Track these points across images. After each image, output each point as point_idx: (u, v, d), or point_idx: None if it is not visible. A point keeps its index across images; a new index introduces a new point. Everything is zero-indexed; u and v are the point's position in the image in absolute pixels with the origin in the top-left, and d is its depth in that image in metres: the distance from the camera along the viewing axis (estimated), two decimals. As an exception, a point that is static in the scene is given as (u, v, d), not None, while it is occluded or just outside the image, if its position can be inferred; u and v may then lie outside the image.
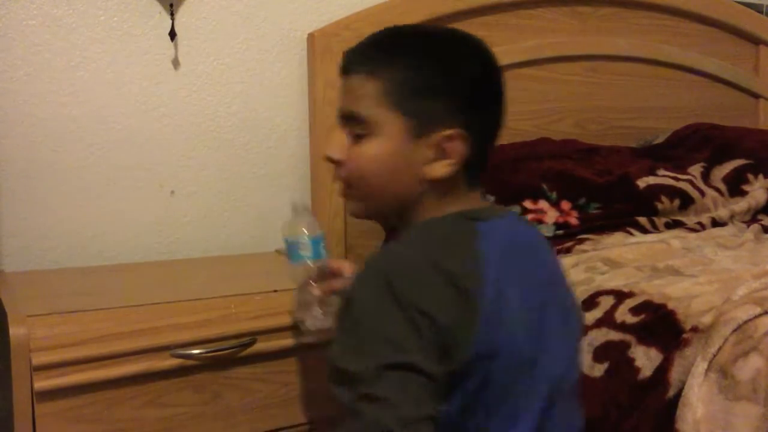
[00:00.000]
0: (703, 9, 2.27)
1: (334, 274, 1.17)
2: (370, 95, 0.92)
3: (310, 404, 1.38)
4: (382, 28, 0.98)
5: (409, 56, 0.93)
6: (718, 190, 1.83)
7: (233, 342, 1.28)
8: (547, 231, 1.62)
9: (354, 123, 0.94)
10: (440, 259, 0.85)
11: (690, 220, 1.74)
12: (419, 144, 0.91)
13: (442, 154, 0.92)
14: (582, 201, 1.69)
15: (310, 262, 1.16)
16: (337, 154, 0.96)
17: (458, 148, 0.91)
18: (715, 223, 1.75)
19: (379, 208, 0.98)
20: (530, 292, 0.91)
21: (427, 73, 0.92)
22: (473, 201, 0.96)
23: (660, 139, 2.11)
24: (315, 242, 1.16)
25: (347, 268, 1.17)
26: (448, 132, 0.91)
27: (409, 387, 0.78)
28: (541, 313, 0.91)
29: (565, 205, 1.68)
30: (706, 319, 1.10)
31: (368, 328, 0.82)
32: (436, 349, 0.81)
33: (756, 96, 2.40)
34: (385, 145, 0.92)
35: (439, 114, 0.91)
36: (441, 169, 0.92)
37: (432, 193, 0.94)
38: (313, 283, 1.16)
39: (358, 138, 0.94)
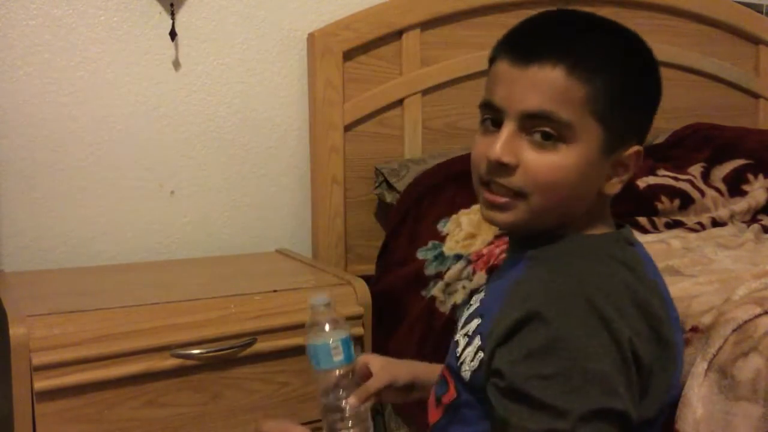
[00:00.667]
0: (703, 9, 2.27)
1: (365, 375, 0.99)
2: (574, 98, 0.78)
3: (310, 404, 1.38)
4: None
5: (616, 60, 0.81)
6: (718, 190, 1.83)
7: (233, 342, 1.28)
8: (547, 231, 1.62)
9: (543, 124, 0.79)
10: (633, 286, 0.76)
11: (690, 220, 1.73)
12: (609, 158, 0.82)
13: (622, 170, 0.83)
14: (582, 201, 1.69)
15: (341, 369, 0.96)
16: (508, 157, 0.79)
17: (635, 164, 0.84)
18: (715, 223, 1.75)
19: (546, 220, 0.83)
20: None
21: (633, 83, 0.81)
22: (611, 218, 0.88)
23: (660, 139, 2.10)
24: (346, 343, 0.96)
25: (376, 364, 0.99)
26: (636, 149, 0.83)
27: None
28: None
29: (565, 205, 1.67)
30: (706, 319, 1.10)
31: (580, 365, 0.70)
32: (638, 392, 0.73)
33: (756, 96, 2.40)
34: (583, 156, 0.79)
35: (635, 129, 0.83)
36: (617, 185, 0.84)
37: (593, 208, 0.84)
38: (342, 392, 0.96)
39: (543, 141, 0.79)
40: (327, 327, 0.96)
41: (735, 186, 1.85)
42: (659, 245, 1.54)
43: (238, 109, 1.75)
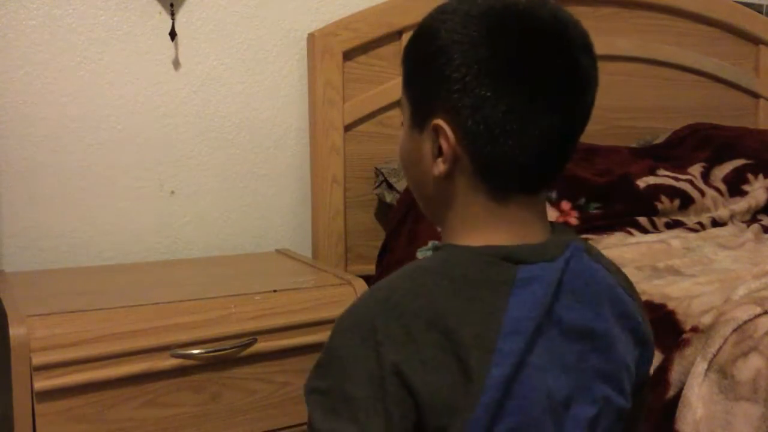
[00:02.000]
0: (703, 9, 2.27)
1: None
2: (402, 80, 0.79)
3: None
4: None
5: (417, 27, 0.78)
6: (718, 190, 1.83)
7: (233, 342, 1.28)
8: (547, 231, 1.62)
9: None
10: (445, 312, 0.68)
11: (690, 220, 1.73)
12: (421, 135, 0.75)
13: (437, 147, 0.74)
14: (582, 201, 1.69)
15: None
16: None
17: (443, 142, 0.73)
18: (715, 223, 1.75)
19: (429, 214, 0.81)
20: (558, 363, 0.72)
21: (418, 45, 0.76)
22: (523, 227, 0.75)
23: (660, 139, 2.11)
24: None
25: None
26: (435, 121, 0.73)
27: None
28: (565, 387, 0.73)
29: (565, 205, 1.68)
30: (706, 319, 1.10)
31: (334, 372, 0.68)
32: (407, 425, 0.66)
33: (756, 96, 2.40)
34: (405, 132, 0.78)
35: (428, 98, 0.74)
36: (440, 165, 0.74)
37: (455, 204, 0.76)
38: None
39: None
40: None
41: (735, 186, 1.86)
42: (659, 245, 1.54)
43: (238, 109, 1.75)
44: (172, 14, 1.65)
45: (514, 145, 0.71)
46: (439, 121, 0.72)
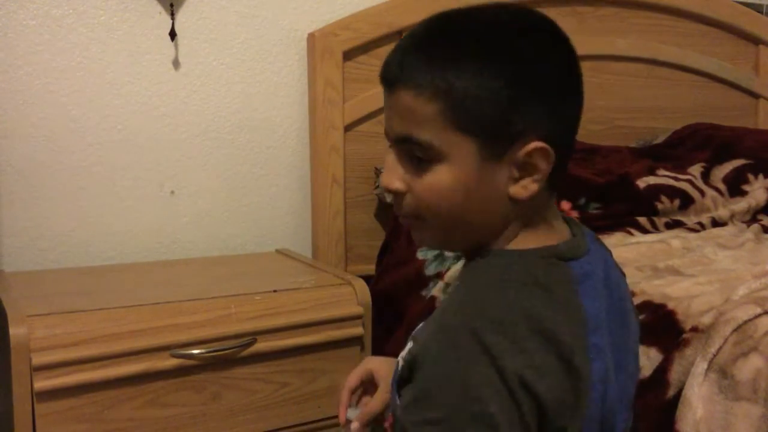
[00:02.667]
0: (703, 9, 2.27)
1: (371, 382, 0.96)
2: (427, 117, 0.72)
3: (310, 404, 1.38)
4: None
5: (469, 58, 0.71)
6: (718, 190, 1.83)
7: (233, 342, 1.28)
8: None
9: (412, 147, 0.75)
10: (537, 313, 0.68)
11: (690, 220, 1.73)
12: (500, 162, 0.72)
13: (530, 169, 0.73)
14: (582, 201, 1.69)
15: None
16: (396, 184, 0.77)
17: (543, 161, 0.72)
18: (715, 223, 1.75)
19: (457, 238, 0.79)
20: (620, 354, 0.76)
21: (493, 78, 0.71)
22: (555, 226, 0.77)
23: (660, 139, 2.11)
24: None
25: (380, 375, 0.95)
26: (535, 145, 0.71)
27: None
28: (624, 376, 0.77)
29: (565, 205, 1.68)
30: (706, 319, 1.10)
31: (464, 407, 0.65)
32: (534, 429, 0.67)
33: (756, 96, 2.40)
34: (459, 170, 0.72)
35: (520, 125, 0.71)
36: (529, 186, 0.73)
37: (517, 217, 0.75)
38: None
39: (419, 164, 0.74)
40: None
41: (735, 186, 1.86)
42: (659, 245, 1.54)
43: (238, 109, 1.75)
44: (172, 14, 1.65)
45: (568, 150, 0.76)
46: (539, 143, 0.71)
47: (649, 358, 1.13)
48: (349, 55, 1.77)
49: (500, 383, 0.65)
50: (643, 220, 1.69)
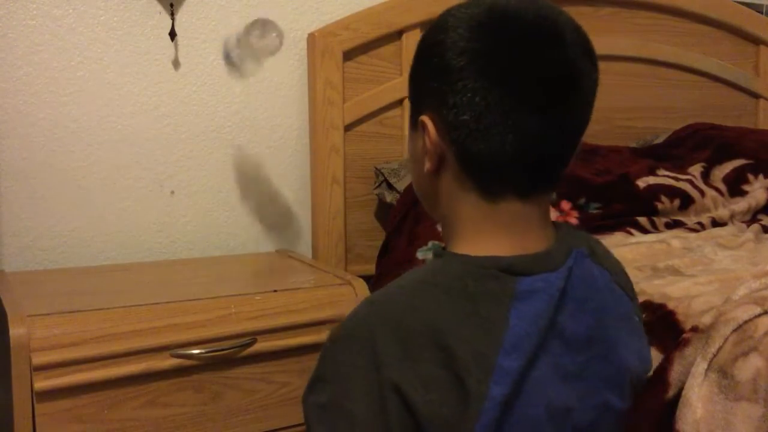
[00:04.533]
0: (703, 9, 2.27)
1: None
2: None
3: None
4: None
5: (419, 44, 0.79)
6: (718, 190, 1.83)
7: (233, 342, 1.28)
8: (547, 231, 1.62)
9: None
10: (444, 328, 0.67)
11: (690, 220, 1.73)
12: (417, 133, 0.76)
13: (423, 144, 0.75)
14: (582, 201, 1.69)
15: None
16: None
17: (428, 137, 0.73)
18: (715, 223, 1.75)
19: (423, 205, 0.83)
20: (560, 373, 0.71)
21: (419, 46, 0.77)
22: (527, 236, 0.74)
23: (660, 139, 2.10)
24: None
25: None
26: (421, 117, 0.74)
27: None
28: (565, 396, 0.72)
29: (565, 205, 1.68)
30: (706, 319, 1.10)
31: (333, 388, 0.68)
32: None
33: (756, 96, 2.40)
34: (408, 133, 0.80)
35: (418, 95, 0.76)
36: (427, 162, 0.75)
37: (448, 203, 0.76)
38: None
39: None
40: None
41: (735, 186, 1.86)
42: (659, 245, 1.54)
43: (238, 109, 1.75)
44: (172, 14, 1.65)
45: (497, 142, 0.70)
46: (424, 117, 0.73)
47: (649, 358, 1.13)
48: (349, 55, 1.77)
49: (376, 387, 0.65)
50: (643, 220, 1.69)
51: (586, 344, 0.74)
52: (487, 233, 0.74)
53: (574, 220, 1.66)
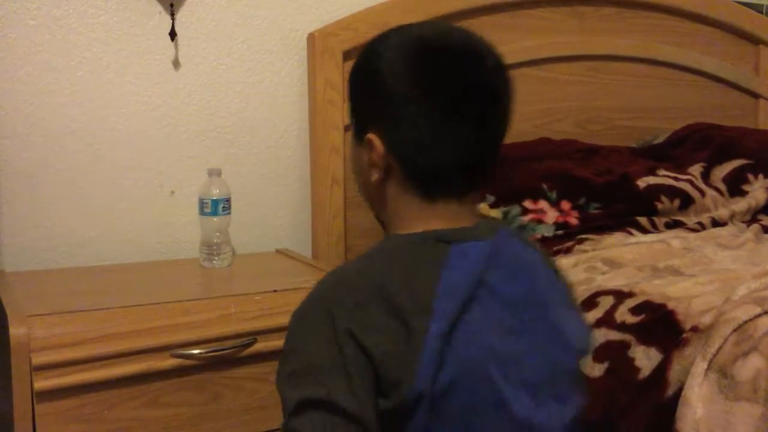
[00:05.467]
0: (703, 9, 2.27)
1: None
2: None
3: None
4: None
5: (359, 54, 0.93)
6: (718, 190, 1.83)
7: (233, 342, 1.28)
8: (547, 231, 1.62)
9: None
10: (387, 283, 0.79)
11: (690, 220, 1.74)
12: (361, 148, 0.88)
13: (370, 158, 0.87)
14: (582, 201, 1.69)
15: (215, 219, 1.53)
16: None
17: (376, 152, 0.86)
18: (715, 223, 1.75)
19: (369, 207, 0.96)
20: (500, 326, 0.81)
21: (357, 69, 0.92)
22: (450, 218, 0.86)
23: (660, 139, 2.11)
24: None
25: None
26: (368, 135, 0.86)
27: (327, 428, 0.74)
28: (513, 348, 0.82)
29: (565, 205, 1.68)
30: (706, 319, 1.10)
31: (298, 353, 0.79)
32: (367, 383, 0.75)
33: (756, 96, 2.40)
34: (351, 145, 0.93)
35: (363, 115, 0.90)
36: (374, 173, 0.87)
37: (392, 206, 0.88)
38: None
39: None
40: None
41: (735, 186, 1.86)
42: (659, 245, 1.54)
43: (238, 109, 1.75)
44: (172, 14, 1.65)
45: (439, 153, 0.83)
46: (371, 135, 0.86)
47: (649, 358, 1.14)
48: (349, 55, 1.77)
49: (332, 337, 0.76)
50: (643, 220, 1.69)
51: (524, 304, 0.84)
52: (424, 221, 0.86)
53: (574, 220, 1.66)
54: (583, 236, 1.61)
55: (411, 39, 0.86)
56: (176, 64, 1.68)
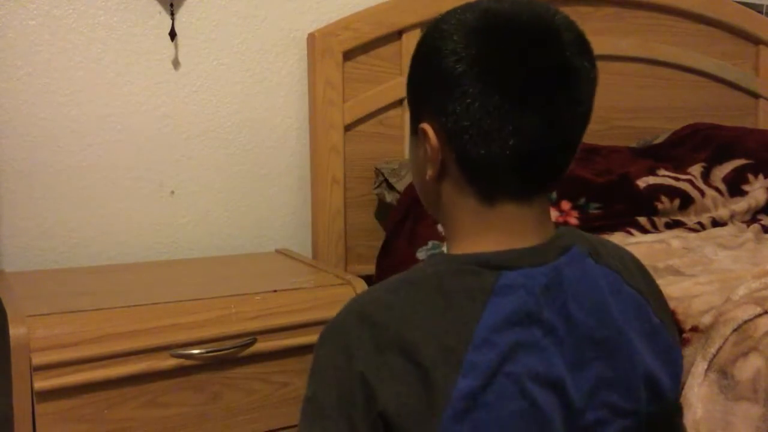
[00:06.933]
0: (703, 9, 2.27)
1: None
2: None
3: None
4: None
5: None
6: (718, 190, 1.83)
7: (233, 342, 1.28)
8: (547, 231, 1.62)
9: None
10: (414, 324, 0.68)
11: (690, 220, 1.74)
12: (418, 140, 0.77)
13: (424, 151, 0.76)
14: (582, 201, 1.69)
15: None
16: None
17: (429, 144, 0.74)
18: (715, 223, 1.75)
19: (427, 209, 0.83)
20: (546, 381, 0.70)
21: (416, 52, 0.77)
22: (510, 229, 0.74)
23: (660, 139, 2.10)
24: None
25: None
26: (422, 125, 0.75)
27: None
28: (569, 397, 0.71)
29: (565, 205, 1.68)
30: (706, 319, 1.10)
31: (315, 379, 0.72)
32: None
33: (756, 96, 2.40)
34: (410, 141, 0.81)
35: (421, 105, 0.76)
36: (429, 169, 0.76)
37: (448, 208, 0.77)
38: None
39: None
40: None
41: (735, 186, 1.86)
42: (659, 245, 1.54)
43: (238, 109, 1.75)
44: (172, 14, 1.65)
45: (497, 146, 0.70)
46: (424, 125, 0.74)
47: (649, 358, 1.13)
48: (349, 55, 1.77)
49: (346, 378, 0.68)
50: (643, 220, 1.69)
51: (586, 343, 0.73)
52: (482, 234, 0.75)
53: (574, 220, 1.66)
54: (583, 236, 1.61)
55: (476, 12, 0.73)
56: (176, 64, 1.68)
